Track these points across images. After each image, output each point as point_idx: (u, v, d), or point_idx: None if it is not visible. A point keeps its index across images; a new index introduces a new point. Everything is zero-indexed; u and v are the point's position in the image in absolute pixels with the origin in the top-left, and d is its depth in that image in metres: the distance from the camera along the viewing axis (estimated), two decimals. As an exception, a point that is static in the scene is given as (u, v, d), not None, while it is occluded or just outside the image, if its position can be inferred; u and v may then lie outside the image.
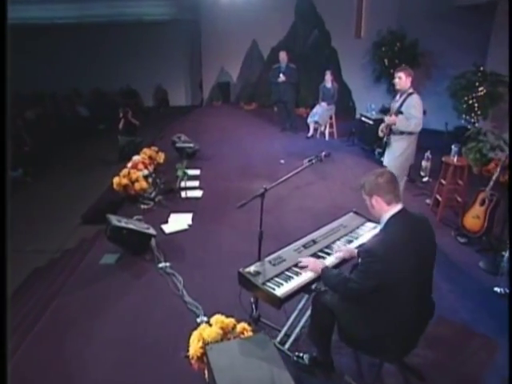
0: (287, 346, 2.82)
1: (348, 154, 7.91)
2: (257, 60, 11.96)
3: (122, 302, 3.56)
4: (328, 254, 2.82)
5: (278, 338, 2.91)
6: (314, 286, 2.66)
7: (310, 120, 8.92)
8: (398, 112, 4.40)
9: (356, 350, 2.73)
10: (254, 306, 3.18)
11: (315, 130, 9.03)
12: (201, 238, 4.62)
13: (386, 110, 8.63)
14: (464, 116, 7.51)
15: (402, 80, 4.42)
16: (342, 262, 2.77)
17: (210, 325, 2.51)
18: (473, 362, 2.89)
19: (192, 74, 14.51)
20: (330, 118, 8.90)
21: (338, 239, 2.99)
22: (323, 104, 8.69)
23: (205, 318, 3.20)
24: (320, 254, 2.81)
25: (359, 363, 2.83)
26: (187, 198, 5.57)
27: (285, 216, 5.22)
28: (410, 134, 4.48)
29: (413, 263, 2.17)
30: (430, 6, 8.88)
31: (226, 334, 2.44)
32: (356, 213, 3.39)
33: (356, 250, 2.79)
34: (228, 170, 6.90)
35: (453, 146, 5.16)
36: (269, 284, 2.44)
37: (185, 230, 4.76)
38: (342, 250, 2.84)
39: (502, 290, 3.65)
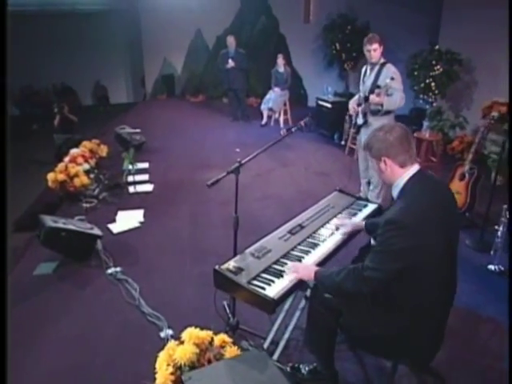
0: (276, 356, 2.28)
1: (306, 140, 7.51)
2: (202, 50, 11.30)
3: (63, 319, 2.85)
4: (320, 240, 2.32)
5: (264, 348, 2.37)
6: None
7: (263, 107, 8.46)
8: (376, 87, 3.93)
9: (362, 352, 2.24)
10: (229, 311, 2.63)
11: (269, 117, 8.58)
12: (156, 235, 3.98)
13: (341, 95, 8.36)
14: (422, 96, 7.33)
15: (377, 51, 3.94)
16: (348, 239, 2.32)
17: (182, 342, 1.92)
18: (489, 352, 2.51)
19: (133, 67, 13.53)
20: (284, 104, 8.47)
21: (328, 222, 2.49)
22: (276, 89, 8.24)
23: (170, 332, 2.61)
24: (311, 240, 2.29)
25: (365, 369, 2.35)
26: (137, 193, 4.87)
27: (250, 206, 4.68)
28: (389, 111, 4.07)
29: (442, 235, 1.70)
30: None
31: (204, 351, 1.86)
32: (341, 191, 2.93)
33: (363, 223, 2.34)
34: (179, 161, 6.26)
35: (424, 122, 4.89)
36: (256, 283, 1.88)
37: (136, 229, 4.09)
38: (346, 224, 2.37)
39: (496, 267, 3.34)
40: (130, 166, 4.96)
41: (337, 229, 2.40)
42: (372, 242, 1.86)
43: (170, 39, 10.93)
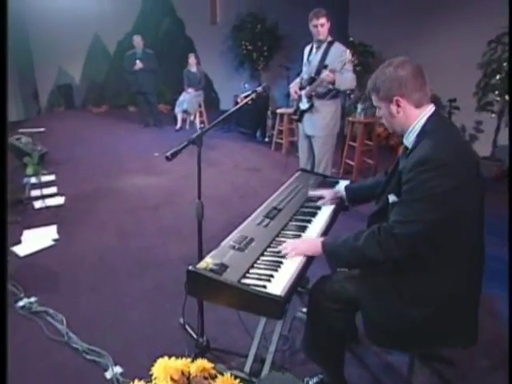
0: (264, 374, 1.79)
1: (228, 140, 7.14)
2: (102, 57, 10.37)
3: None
4: (311, 216, 1.90)
5: (247, 368, 1.86)
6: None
7: (177, 110, 7.90)
8: (323, 67, 3.56)
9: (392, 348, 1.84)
10: (192, 329, 2.09)
11: (184, 120, 8.05)
12: (77, 252, 3.24)
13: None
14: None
15: (325, 26, 3.57)
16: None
17: (149, 380, 1.34)
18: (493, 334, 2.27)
19: (22, 80, 12.03)
20: (199, 105, 8.01)
21: (307, 200, 2.07)
22: (190, 90, 7.76)
23: (118, 369, 1.98)
24: (301, 217, 1.86)
25: (370, 370, 1.96)
26: (46, 208, 4.03)
27: (186, 209, 4.12)
28: (336, 95, 3.79)
29: (477, 181, 1.38)
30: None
31: (186, 387, 1.31)
32: (304, 170, 2.54)
33: (343, 191, 2.03)
34: (92, 171, 5.45)
35: (358, 105, 4.75)
36: (249, 281, 1.38)
37: (50, 248, 3.30)
38: (323, 193, 2.09)
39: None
40: (34, 179, 4.12)
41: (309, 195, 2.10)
42: (392, 198, 1.48)
43: (64, 46, 9.79)
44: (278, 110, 6.45)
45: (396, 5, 6.50)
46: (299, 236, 1.72)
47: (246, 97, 2.21)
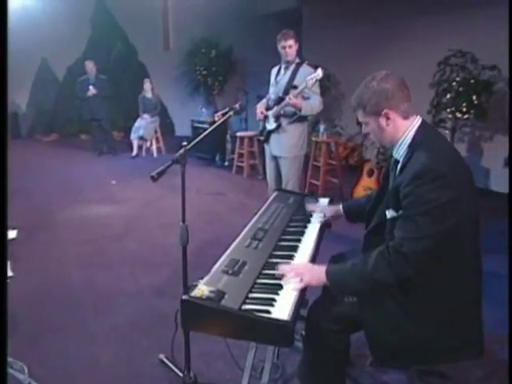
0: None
1: (187, 166, 6.95)
2: (50, 83, 10.01)
3: None
4: (299, 235, 1.83)
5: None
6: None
7: (133, 136, 7.70)
8: (292, 87, 3.57)
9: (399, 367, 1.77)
10: (170, 363, 1.93)
11: (140, 147, 7.85)
12: (35, 289, 2.96)
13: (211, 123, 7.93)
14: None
15: (293, 48, 3.60)
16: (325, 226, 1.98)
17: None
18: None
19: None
20: (156, 131, 7.87)
21: (291, 220, 2.01)
22: (146, 116, 7.61)
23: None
24: (287, 242, 1.78)
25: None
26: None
27: (152, 236, 3.96)
28: (306, 116, 3.80)
29: (472, 191, 1.38)
30: (238, 15, 8.78)
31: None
32: (282, 190, 2.48)
33: (340, 207, 1.96)
34: (46, 201, 5.13)
35: (320, 125, 4.81)
36: (251, 307, 1.28)
37: (5, 287, 3.00)
38: (323, 208, 2.05)
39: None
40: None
41: (310, 215, 2.04)
42: (390, 213, 1.44)
43: (9, 70, 9.38)
44: (238, 134, 6.43)
45: (348, 28, 6.74)
46: (292, 256, 1.64)
47: (223, 114, 2.11)
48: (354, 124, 6.58)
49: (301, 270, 1.46)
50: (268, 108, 3.75)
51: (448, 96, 4.86)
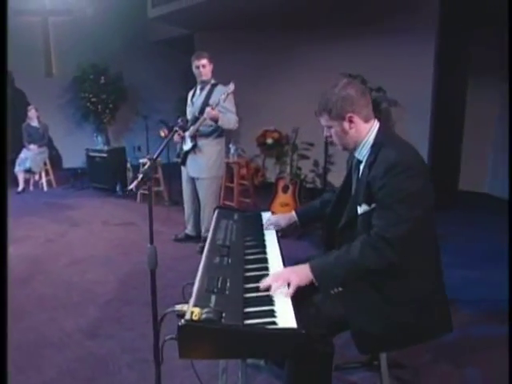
0: None
1: (84, 198, 6.53)
2: None
3: None
4: (262, 248, 1.82)
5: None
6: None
7: (18, 169, 6.95)
8: (208, 106, 3.56)
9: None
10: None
11: (27, 181, 7.11)
12: None
13: (100, 151, 7.38)
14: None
15: (207, 67, 3.67)
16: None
17: None
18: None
19: None
20: (45, 163, 7.21)
21: (247, 234, 1.98)
22: (32, 147, 6.97)
23: None
24: (254, 256, 1.75)
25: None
26: None
27: (63, 275, 3.58)
28: (221, 135, 3.81)
29: (430, 181, 1.53)
30: (128, 41, 8.56)
31: None
32: (221, 207, 2.43)
33: (294, 214, 2.03)
34: None
35: (230, 146, 4.87)
36: (254, 321, 1.21)
37: None
38: (278, 219, 2.08)
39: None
40: None
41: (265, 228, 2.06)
42: (363, 207, 1.54)
43: None
44: (141, 160, 6.18)
45: (243, 53, 6.98)
46: (266, 268, 1.62)
47: (169, 130, 2.03)
48: (253, 145, 6.90)
49: (286, 275, 1.46)
50: (185, 129, 3.71)
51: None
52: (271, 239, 1.94)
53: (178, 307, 1.35)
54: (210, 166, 3.79)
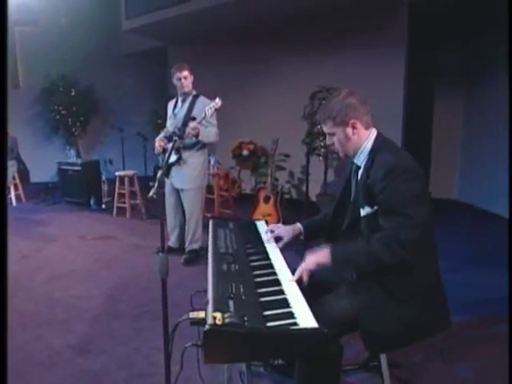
0: None
1: (58, 213, 6.34)
2: None
3: None
4: (265, 254, 1.86)
5: None
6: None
7: (-15, 184, 6.66)
8: (190, 118, 3.57)
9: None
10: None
11: (-5, 197, 6.82)
12: None
13: (72, 164, 7.17)
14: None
15: (189, 79, 3.69)
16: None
17: None
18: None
19: None
20: (14, 177, 6.97)
21: (246, 242, 2.01)
22: (1, 161, 6.68)
23: None
24: (259, 262, 1.78)
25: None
26: None
27: (45, 292, 3.48)
28: (204, 146, 3.82)
29: (426, 184, 1.69)
30: (100, 53, 8.44)
31: None
32: (214, 217, 2.45)
33: (299, 225, 2.03)
34: None
35: (210, 158, 4.89)
36: (276, 323, 1.24)
37: None
38: (281, 231, 2.04)
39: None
40: None
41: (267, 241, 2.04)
42: (366, 210, 1.62)
43: None
44: (118, 173, 6.10)
45: (218, 66, 7.03)
46: (274, 273, 1.65)
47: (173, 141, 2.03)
48: (229, 157, 6.92)
49: (307, 261, 1.59)
50: (169, 141, 3.70)
51: (319, 127, 5.44)
52: (271, 245, 1.98)
53: (193, 314, 1.36)
54: (195, 176, 3.80)
